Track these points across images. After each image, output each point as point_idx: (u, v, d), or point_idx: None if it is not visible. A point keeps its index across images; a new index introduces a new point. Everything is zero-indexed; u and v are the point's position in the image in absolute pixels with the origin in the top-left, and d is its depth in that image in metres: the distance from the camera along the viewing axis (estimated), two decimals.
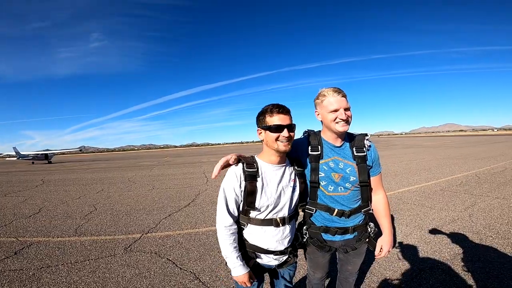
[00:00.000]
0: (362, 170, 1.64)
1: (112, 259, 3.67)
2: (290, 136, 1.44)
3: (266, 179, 1.49)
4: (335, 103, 1.53)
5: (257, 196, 1.45)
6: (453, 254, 3.41)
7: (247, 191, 1.45)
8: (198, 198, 7.55)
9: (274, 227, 1.52)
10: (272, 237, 1.53)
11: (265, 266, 1.59)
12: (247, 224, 1.53)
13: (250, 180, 1.45)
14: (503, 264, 3.09)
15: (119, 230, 4.94)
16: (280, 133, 1.42)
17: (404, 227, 4.46)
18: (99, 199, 7.92)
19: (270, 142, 1.46)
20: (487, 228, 4.22)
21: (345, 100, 1.56)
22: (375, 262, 3.28)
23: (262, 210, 1.48)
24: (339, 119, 1.53)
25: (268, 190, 1.48)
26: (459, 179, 8.57)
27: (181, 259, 3.60)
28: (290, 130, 1.45)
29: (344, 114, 1.53)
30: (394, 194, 7.01)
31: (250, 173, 1.45)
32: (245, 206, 1.48)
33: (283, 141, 1.43)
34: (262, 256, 1.57)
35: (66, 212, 6.49)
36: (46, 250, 4.06)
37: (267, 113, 1.46)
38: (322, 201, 1.66)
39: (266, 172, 1.50)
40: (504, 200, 5.84)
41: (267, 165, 1.52)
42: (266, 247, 1.53)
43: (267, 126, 1.45)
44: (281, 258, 1.60)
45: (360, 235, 1.74)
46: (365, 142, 1.68)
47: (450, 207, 5.48)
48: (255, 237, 1.53)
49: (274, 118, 1.44)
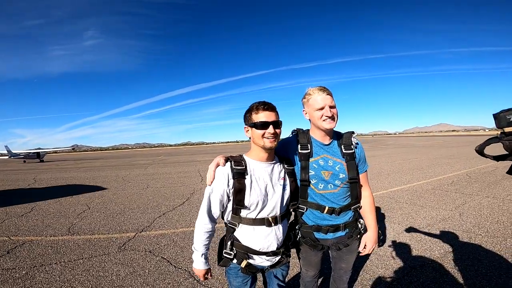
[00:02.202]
0: (351, 167, 1.67)
1: (106, 257, 3.66)
2: (275, 132, 1.46)
3: (254, 176, 1.49)
4: (321, 101, 1.58)
5: (246, 193, 1.45)
6: (443, 252, 3.48)
7: (236, 189, 1.45)
8: (192, 197, 7.54)
9: (266, 227, 1.51)
10: (264, 237, 1.52)
11: (257, 266, 1.58)
12: (238, 224, 1.52)
13: (238, 177, 1.45)
14: (491, 262, 3.16)
15: (113, 228, 4.93)
16: (266, 129, 1.44)
17: (396, 226, 4.53)
18: (92, 198, 7.87)
19: (256, 139, 1.48)
20: (476, 227, 4.31)
21: (330, 98, 1.60)
22: (368, 260, 3.33)
23: (252, 208, 1.48)
24: (325, 116, 1.57)
25: (257, 187, 1.47)
26: (450, 179, 8.71)
27: (176, 257, 3.61)
28: (275, 126, 1.46)
29: (330, 112, 1.57)
30: (387, 193, 7.09)
31: (238, 170, 1.46)
32: (235, 205, 1.48)
33: (269, 138, 1.45)
34: (254, 257, 1.56)
35: (59, 211, 6.43)
36: (39, 249, 4.03)
37: (253, 110, 1.48)
38: (312, 199, 1.69)
39: (254, 170, 1.51)
40: (494, 199, 5.96)
41: (255, 162, 1.52)
42: (259, 248, 1.52)
43: (253, 124, 1.46)
44: (273, 259, 1.59)
45: (352, 232, 1.77)
46: (352, 140, 1.72)
47: (441, 206, 5.58)
48: (247, 238, 1.52)
49: (259, 115, 1.45)
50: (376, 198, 6.41)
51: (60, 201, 7.62)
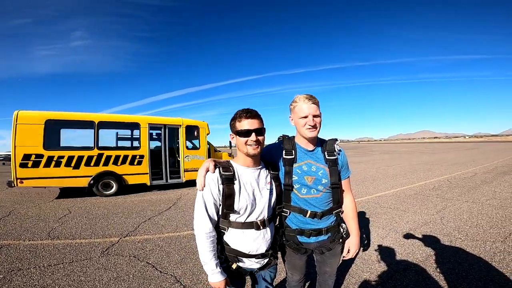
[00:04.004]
0: (333, 173, 1.72)
1: (88, 262, 3.55)
2: (258, 140, 1.49)
3: (242, 181, 1.52)
4: (306, 110, 1.63)
5: (235, 198, 1.47)
6: (425, 255, 3.57)
7: (225, 194, 1.46)
8: (179, 202, 7.44)
9: (255, 230, 1.53)
10: (253, 240, 1.54)
11: (247, 269, 1.60)
12: (227, 228, 1.53)
13: (228, 183, 1.47)
14: (471, 265, 3.27)
15: (95, 233, 4.79)
16: (249, 137, 1.47)
17: (381, 230, 4.61)
18: (74, 202, 7.62)
19: (240, 146, 1.51)
20: (457, 231, 4.45)
21: (316, 107, 1.64)
22: (354, 264, 3.38)
23: (242, 212, 1.50)
24: (308, 125, 1.63)
25: (245, 192, 1.50)
26: (432, 184, 8.99)
27: (162, 262, 3.54)
28: (258, 134, 1.49)
29: (312, 121, 1.62)
30: (371, 198, 7.22)
31: (227, 176, 1.48)
32: (224, 210, 1.49)
33: (252, 145, 1.48)
34: (244, 260, 1.57)
35: (38, 215, 6.19)
36: (16, 253, 3.86)
37: (236, 118, 1.51)
38: (295, 203, 1.72)
39: (242, 175, 1.54)
40: (473, 203, 6.19)
41: (242, 168, 1.55)
42: (248, 250, 1.54)
43: (237, 131, 1.50)
44: (262, 261, 1.61)
45: (334, 236, 1.81)
46: (335, 147, 1.77)
47: (423, 211, 5.74)
48: (236, 241, 1.54)
49: (243, 123, 1.48)
50: (362, 203, 6.53)
51: (39, 205, 7.34)
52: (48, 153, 7.68)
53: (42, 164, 7.62)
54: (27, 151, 7.44)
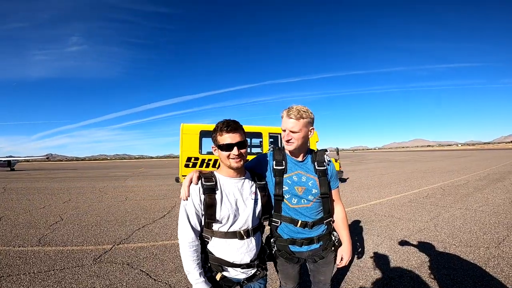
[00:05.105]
0: (323, 183, 1.75)
1: (80, 269, 3.48)
2: (240, 153, 1.48)
3: (225, 192, 1.52)
4: (285, 124, 1.69)
5: (216, 208, 1.47)
6: (420, 262, 3.58)
7: (207, 204, 1.46)
8: (174, 210, 7.38)
9: (239, 240, 1.52)
10: (236, 250, 1.52)
11: (233, 279, 1.56)
12: (211, 238, 1.53)
13: (209, 193, 1.47)
14: (466, 271, 3.29)
15: (87, 240, 4.70)
16: (231, 151, 1.47)
17: (376, 237, 4.62)
18: (66, 209, 7.50)
19: (222, 159, 1.51)
20: (450, 237, 4.48)
21: (294, 122, 1.66)
22: (349, 271, 3.37)
23: (224, 222, 1.49)
24: (285, 138, 1.70)
25: (227, 202, 1.50)
26: (425, 192, 9.07)
27: (156, 270, 3.49)
28: (240, 147, 1.48)
29: (288, 136, 1.68)
30: (366, 206, 7.25)
31: (208, 186, 1.48)
32: (207, 219, 1.49)
33: (234, 159, 1.48)
34: (228, 269, 1.55)
35: (29, 221, 6.08)
36: (6, 260, 3.79)
37: (217, 131, 1.49)
38: (286, 213, 1.74)
39: (224, 185, 1.53)
40: (466, 210, 6.25)
41: (225, 178, 1.55)
42: (232, 260, 1.52)
43: (219, 145, 1.49)
44: (248, 272, 1.59)
45: (326, 244, 1.82)
46: (325, 157, 1.81)
47: (417, 218, 5.77)
48: (220, 250, 1.53)
49: (224, 137, 1.47)
50: (357, 211, 6.55)
51: (30, 211, 7.21)
52: (202, 156, 9.31)
53: (197, 165, 9.24)
54: (189, 155, 9.17)
